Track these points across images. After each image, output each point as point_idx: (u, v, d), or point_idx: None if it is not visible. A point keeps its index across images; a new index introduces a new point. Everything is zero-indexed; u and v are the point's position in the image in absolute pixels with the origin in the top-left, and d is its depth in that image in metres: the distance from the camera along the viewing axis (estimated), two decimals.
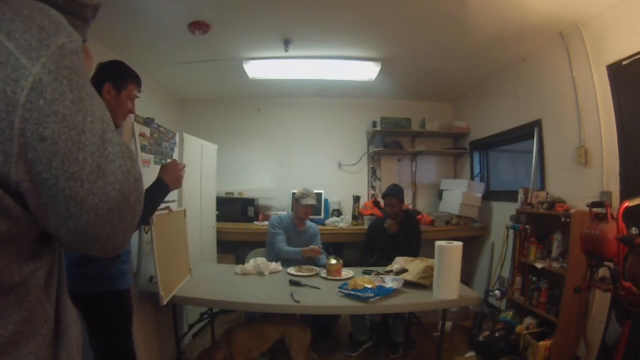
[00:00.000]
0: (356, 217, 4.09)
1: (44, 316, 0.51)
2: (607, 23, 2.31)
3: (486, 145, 4.10)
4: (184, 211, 2.29)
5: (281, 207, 4.28)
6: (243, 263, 2.68)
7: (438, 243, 2.06)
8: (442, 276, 2.04)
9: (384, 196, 3.12)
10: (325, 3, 2.39)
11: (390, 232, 3.02)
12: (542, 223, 2.80)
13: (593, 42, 2.42)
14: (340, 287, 2.11)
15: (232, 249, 3.90)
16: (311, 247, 2.72)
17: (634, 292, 1.53)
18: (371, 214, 3.87)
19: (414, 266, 2.33)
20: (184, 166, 1.68)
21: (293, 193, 3.11)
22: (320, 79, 3.73)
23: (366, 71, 3.47)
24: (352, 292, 2.02)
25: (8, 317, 0.46)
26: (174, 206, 2.27)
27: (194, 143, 2.92)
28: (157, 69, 3.47)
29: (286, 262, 2.65)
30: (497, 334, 2.68)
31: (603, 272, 1.81)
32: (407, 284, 2.17)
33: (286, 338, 2.19)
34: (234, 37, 2.87)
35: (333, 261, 2.44)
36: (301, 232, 2.96)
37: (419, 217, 3.88)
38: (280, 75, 3.59)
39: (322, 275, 2.44)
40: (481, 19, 2.52)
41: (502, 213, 3.51)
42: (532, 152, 3.05)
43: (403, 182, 4.23)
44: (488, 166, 4.23)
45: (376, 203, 4.02)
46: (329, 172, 4.51)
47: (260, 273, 2.47)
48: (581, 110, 2.55)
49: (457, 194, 3.91)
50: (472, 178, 4.23)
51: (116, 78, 1.44)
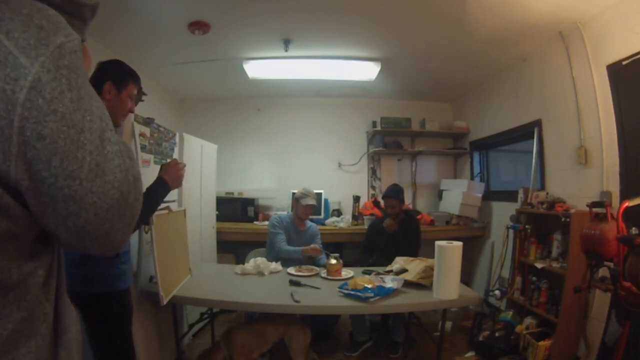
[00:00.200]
0: (356, 217, 4.09)
1: (43, 315, 0.51)
2: (607, 23, 2.31)
3: (486, 145, 4.10)
4: (184, 211, 2.29)
5: (281, 207, 4.28)
6: (243, 263, 2.68)
7: (438, 243, 2.06)
8: (442, 276, 2.04)
9: (384, 197, 3.12)
10: (325, 3, 2.39)
11: (389, 231, 3.02)
12: (542, 223, 2.80)
13: (593, 42, 2.42)
14: (340, 287, 2.11)
15: (232, 249, 3.90)
16: (312, 246, 2.72)
17: (634, 292, 1.53)
18: (371, 214, 3.87)
19: (414, 266, 2.33)
20: (185, 165, 1.69)
21: (293, 193, 3.11)
22: (320, 79, 3.73)
23: (366, 71, 3.47)
24: (352, 292, 2.02)
25: (7, 316, 0.46)
26: (174, 206, 2.27)
27: (194, 143, 2.92)
28: (157, 69, 3.48)
29: (286, 262, 2.65)
30: (497, 334, 2.68)
31: (603, 272, 1.81)
32: (407, 284, 2.17)
33: (286, 338, 2.19)
34: (234, 37, 2.87)
35: (333, 261, 2.44)
36: (301, 232, 2.96)
37: (419, 217, 3.88)
38: (280, 75, 3.59)
39: (322, 275, 2.44)
40: (481, 19, 2.52)
41: (502, 213, 3.51)
42: (532, 152, 3.05)
43: (403, 182, 4.22)
44: (488, 166, 4.23)
45: (376, 203, 4.01)
46: (329, 172, 4.51)
47: (260, 273, 2.47)
48: (581, 110, 2.55)
49: (457, 194, 3.91)
50: (472, 178, 4.22)
51: (116, 77, 1.43)
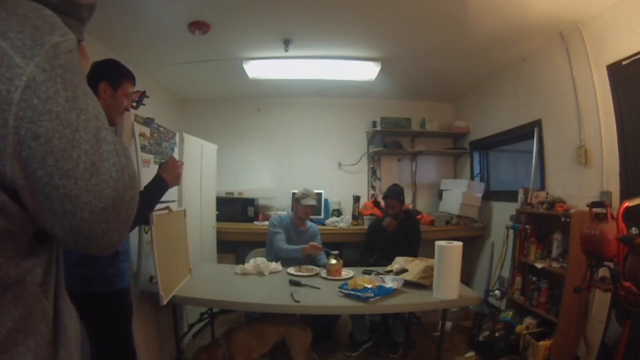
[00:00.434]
0: (356, 217, 4.09)
1: (42, 314, 0.51)
2: (607, 23, 2.31)
3: (486, 145, 4.10)
4: (184, 211, 2.29)
5: (281, 207, 4.28)
6: (243, 263, 2.68)
7: (438, 243, 2.05)
8: (442, 276, 2.04)
9: (385, 198, 3.12)
10: (325, 3, 2.39)
11: (389, 231, 3.02)
12: (542, 223, 2.80)
13: (593, 42, 2.42)
14: (340, 287, 2.11)
15: (232, 249, 3.90)
16: (311, 244, 2.71)
17: (634, 292, 1.53)
18: (371, 214, 3.87)
19: (414, 266, 2.33)
20: (183, 163, 1.69)
21: (293, 193, 3.11)
22: (320, 79, 3.73)
23: (366, 71, 3.47)
24: (352, 292, 2.02)
25: (6, 314, 0.46)
26: (174, 206, 2.26)
27: (194, 143, 2.92)
28: (157, 69, 3.48)
29: (286, 262, 2.65)
30: (497, 334, 2.68)
31: (603, 272, 1.81)
32: (407, 284, 2.17)
33: (287, 338, 2.19)
34: (234, 37, 2.87)
35: (333, 261, 2.44)
36: (301, 232, 2.96)
37: (419, 217, 3.88)
38: (280, 75, 3.59)
39: (322, 275, 2.44)
40: (481, 19, 2.52)
41: (502, 213, 3.51)
42: (532, 152, 3.05)
43: (403, 182, 4.22)
44: (488, 166, 4.23)
45: (376, 203, 4.01)
46: (329, 172, 4.51)
47: (260, 273, 2.47)
48: (581, 110, 2.55)
49: (457, 194, 3.91)
50: (472, 178, 4.22)
51: (111, 77, 1.45)
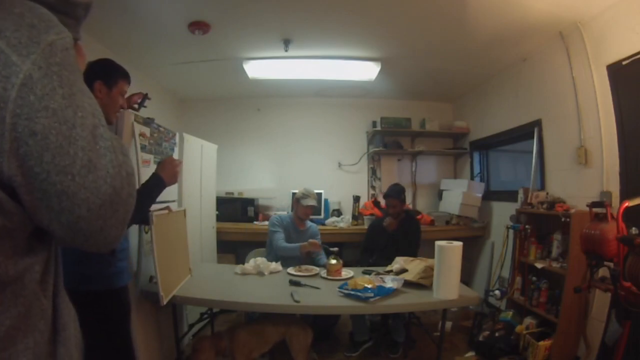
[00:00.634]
0: (356, 217, 4.09)
1: (41, 311, 0.51)
2: (607, 23, 2.31)
3: (486, 145, 4.10)
4: (184, 211, 2.29)
5: (281, 207, 4.27)
6: (243, 263, 2.68)
7: (438, 243, 2.05)
8: (442, 276, 2.04)
9: (386, 197, 3.11)
10: (325, 3, 2.39)
11: (389, 230, 3.02)
12: (542, 223, 2.80)
13: (593, 42, 2.42)
14: (340, 287, 2.11)
15: (232, 249, 3.90)
16: (310, 241, 2.70)
17: (634, 292, 1.53)
18: (371, 214, 3.87)
19: (414, 266, 2.33)
20: (180, 162, 1.70)
21: (293, 193, 3.11)
22: (320, 79, 3.73)
23: (366, 71, 3.47)
24: (352, 292, 2.02)
25: (5, 312, 0.46)
26: (174, 206, 2.27)
27: (194, 143, 2.92)
28: (157, 69, 3.48)
29: (286, 262, 2.65)
30: (497, 334, 2.68)
31: (603, 272, 1.81)
32: (407, 284, 2.17)
33: (287, 338, 2.19)
34: (234, 37, 2.87)
35: (333, 261, 2.44)
36: (301, 232, 2.96)
37: (419, 217, 3.88)
38: (280, 75, 3.59)
39: (322, 275, 2.44)
40: (481, 19, 2.52)
41: (502, 213, 3.51)
42: (532, 152, 3.05)
43: (403, 182, 4.18)
44: (488, 166, 4.23)
45: (376, 203, 4.01)
46: (329, 172, 4.51)
47: (260, 273, 2.47)
48: (581, 110, 2.55)
49: (457, 194, 3.91)
50: (472, 178, 4.22)
51: (106, 76, 1.47)
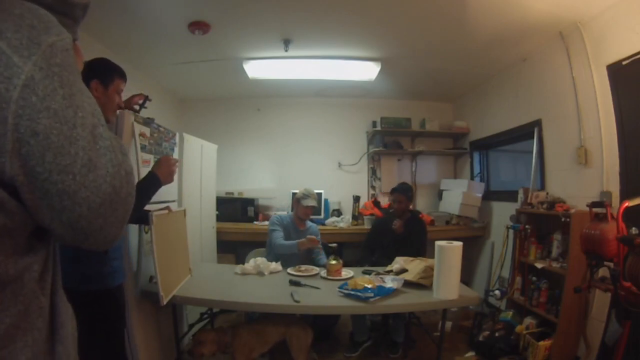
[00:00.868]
0: (356, 217, 4.09)
1: (40, 310, 0.52)
2: (607, 23, 2.31)
3: (486, 145, 4.10)
4: (184, 211, 2.29)
5: (281, 207, 4.27)
6: (243, 263, 2.68)
7: (438, 243, 2.05)
8: (442, 276, 2.04)
9: (393, 191, 3.10)
10: (325, 3, 2.39)
11: (397, 233, 3.02)
12: (542, 223, 2.80)
13: (593, 42, 2.42)
14: (340, 287, 2.11)
15: (232, 249, 3.90)
16: (308, 237, 2.69)
17: (634, 292, 1.53)
18: (371, 214, 3.87)
19: (414, 266, 2.33)
20: (177, 161, 1.70)
21: (293, 193, 3.11)
22: (320, 79, 3.73)
23: (366, 71, 3.47)
24: (352, 292, 2.02)
25: (4, 311, 0.47)
26: (174, 206, 2.27)
27: (194, 143, 2.91)
28: (157, 69, 3.48)
29: (286, 262, 2.64)
30: (497, 334, 2.68)
31: (603, 272, 1.81)
32: (407, 284, 2.17)
33: (287, 338, 2.19)
34: (234, 37, 2.87)
35: (333, 261, 2.44)
36: (301, 232, 2.95)
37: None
38: (280, 75, 3.59)
39: (322, 275, 2.44)
40: (481, 19, 2.52)
41: (502, 213, 3.51)
42: (532, 152, 3.05)
43: None
44: (488, 166, 4.23)
45: (376, 203, 4.01)
46: (329, 172, 4.51)
47: (260, 273, 2.47)
48: (581, 110, 2.55)
49: (457, 194, 3.91)
50: (472, 178, 4.23)
51: (102, 75, 1.47)
